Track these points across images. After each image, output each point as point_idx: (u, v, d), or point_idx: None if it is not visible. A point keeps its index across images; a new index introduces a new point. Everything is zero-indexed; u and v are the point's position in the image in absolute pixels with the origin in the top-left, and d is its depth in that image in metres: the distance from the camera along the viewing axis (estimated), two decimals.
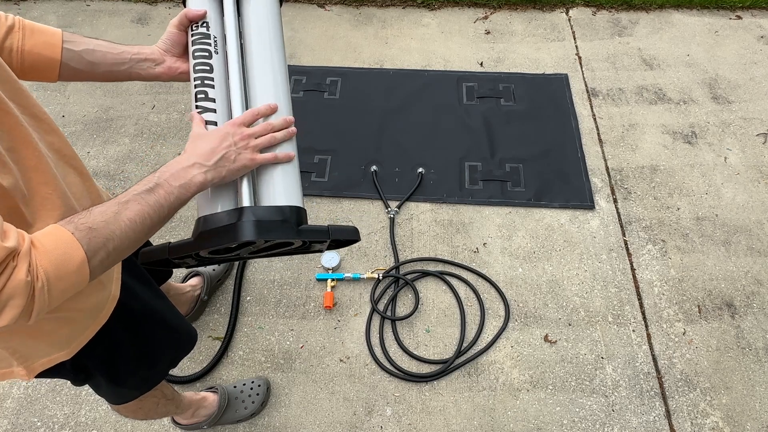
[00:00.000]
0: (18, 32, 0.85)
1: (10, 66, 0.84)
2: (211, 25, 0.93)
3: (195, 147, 0.81)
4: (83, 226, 0.66)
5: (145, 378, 1.17)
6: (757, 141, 2.36)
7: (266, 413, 1.67)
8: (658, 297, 1.90)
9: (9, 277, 0.57)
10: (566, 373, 1.74)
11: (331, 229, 0.90)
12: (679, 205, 2.15)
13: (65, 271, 0.63)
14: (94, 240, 0.66)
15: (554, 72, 2.63)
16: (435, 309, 1.88)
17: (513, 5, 2.98)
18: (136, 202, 0.71)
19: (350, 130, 2.39)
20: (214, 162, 0.80)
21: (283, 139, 0.88)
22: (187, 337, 1.26)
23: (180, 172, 0.77)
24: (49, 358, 0.90)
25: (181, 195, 0.77)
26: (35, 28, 0.88)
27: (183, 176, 0.77)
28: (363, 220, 2.10)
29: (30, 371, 0.90)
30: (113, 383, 1.09)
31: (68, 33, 0.91)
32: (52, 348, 0.90)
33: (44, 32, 0.88)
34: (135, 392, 1.17)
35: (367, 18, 2.92)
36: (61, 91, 2.57)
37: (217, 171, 0.80)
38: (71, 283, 0.65)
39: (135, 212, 0.71)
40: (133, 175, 2.24)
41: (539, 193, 2.17)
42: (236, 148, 0.82)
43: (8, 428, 1.63)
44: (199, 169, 0.78)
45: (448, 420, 1.66)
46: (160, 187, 0.74)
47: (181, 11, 0.93)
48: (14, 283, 0.58)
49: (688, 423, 1.65)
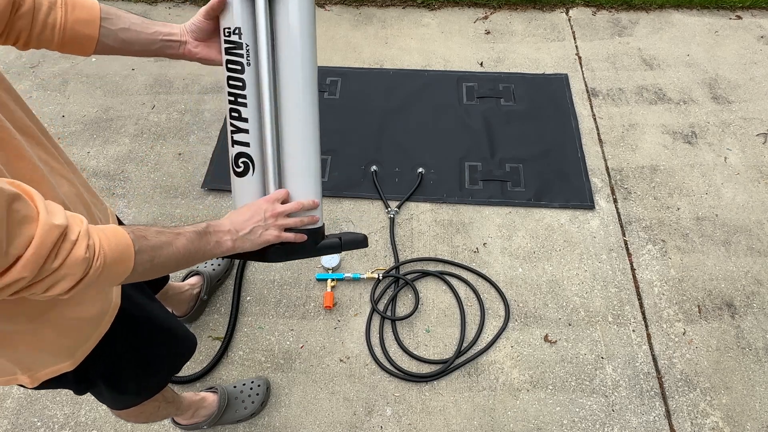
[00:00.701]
0: (61, 7, 0.86)
1: (50, 41, 0.87)
2: (244, 30, 0.93)
3: (235, 215, 0.95)
4: (140, 233, 0.74)
5: (146, 385, 1.18)
6: (757, 141, 2.36)
7: (266, 413, 1.67)
8: (658, 297, 1.90)
9: (69, 253, 0.62)
10: (566, 373, 1.74)
11: (344, 241, 1.04)
12: (679, 205, 2.15)
13: (119, 260, 0.69)
14: (145, 248, 0.73)
15: (554, 72, 2.63)
16: (435, 309, 1.88)
17: (513, 5, 2.98)
18: (187, 239, 0.82)
19: (350, 130, 2.39)
20: (242, 234, 0.93)
21: (309, 223, 1.01)
22: (187, 343, 1.27)
23: (220, 233, 0.90)
24: (53, 368, 0.91)
25: (214, 250, 0.89)
26: (77, 3, 0.88)
27: (221, 237, 0.90)
28: (363, 220, 2.10)
29: (34, 380, 0.91)
30: (116, 391, 1.09)
31: (105, 6, 0.91)
32: (56, 358, 0.90)
33: (84, 6, 0.88)
34: (137, 398, 1.18)
35: (367, 18, 2.92)
36: (61, 91, 2.57)
37: (242, 241, 0.93)
38: (117, 274, 0.70)
39: (183, 246, 0.81)
40: (133, 175, 2.24)
41: (539, 193, 2.17)
42: (264, 224, 0.95)
43: (8, 428, 1.63)
44: (230, 236, 0.91)
45: (448, 420, 1.66)
46: (205, 237, 0.87)
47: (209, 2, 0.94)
48: (73, 259, 0.62)
49: (688, 423, 1.65)
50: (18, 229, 0.57)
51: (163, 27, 0.96)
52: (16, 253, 0.57)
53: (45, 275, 0.60)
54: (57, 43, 0.88)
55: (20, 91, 2.51)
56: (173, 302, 1.72)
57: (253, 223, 0.94)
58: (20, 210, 0.57)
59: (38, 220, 0.59)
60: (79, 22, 0.87)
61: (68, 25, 0.87)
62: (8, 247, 0.56)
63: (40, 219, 0.59)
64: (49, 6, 0.85)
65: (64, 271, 0.62)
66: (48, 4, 0.85)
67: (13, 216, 0.56)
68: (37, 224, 0.59)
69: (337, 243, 1.06)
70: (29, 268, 0.58)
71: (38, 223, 0.59)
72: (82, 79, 2.62)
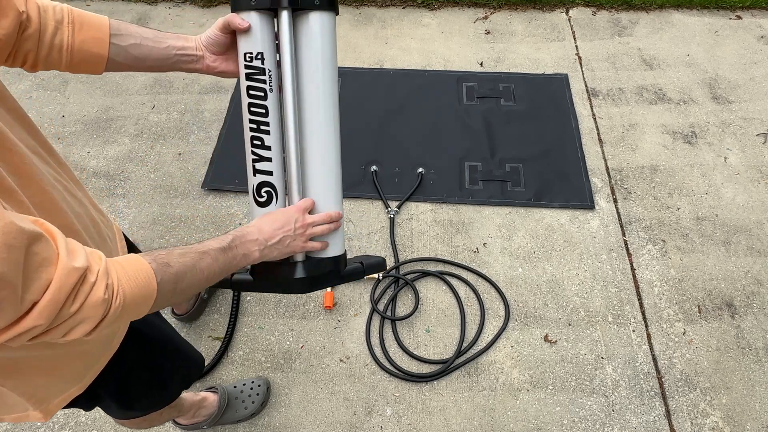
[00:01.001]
0: (67, 27, 0.83)
1: (58, 62, 0.84)
2: (266, 55, 0.90)
3: (263, 223, 0.92)
4: (162, 261, 0.70)
5: (156, 400, 1.18)
6: (757, 141, 2.36)
7: (266, 413, 1.67)
8: (658, 297, 1.90)
9: (87, 296, 0.58)
10: (566, 373, 1.74)
11: (366, 265, 1.06)
12: (679, 205, 2.15)
13: (141, 297, 0.65)
14: (168, 277, 0.70)
15: (554, 72, 2.63)
16: (435, 309, 1.88)
17: (513, 5, 2.98)
18: (212, 258, 0.79)
19: (350, 130, 2.39)
20: (271, 244, 0.90)
21: (334, 229, 1.02)
22: (195, 361, 1.27)
23: (248, 243, 0.87)
24: (64, 396, 0.90)
25: (240, 262, 0.86)
26: (84, 20, 0.84)
27: (248, 248, 0.87)
28: (363, 220, 2.11)
29: (46, 413, 0.89)
30: (124, 407, 1.09)
31: (115, 22, 0.88)
32: (67, 384, 0.89)
33: (92, 24, 0.85)
34: (145, 412, 1.18)
35: (367, 18, 2.92)
36: (61, 91, 2.57)
37: (270, 251, 0.91)
38: (138, 309, 0.67)
39: (207, 265, 0.78)
40: (133, 175, 2.24)
41: (539, 193, 2.17)
42: (293, 234, 0.93)
43: (8, 428, 1.63)
44: (258, 246, 0.88)
45: (448, 420, 1.66)
46: (231, 250, 0.84)
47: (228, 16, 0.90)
48: (92, 301, 0.59)
49: (688, 423, 1.65)
50: (36, 273, 0.53)
51: (176, 40, 0.93)
52: (33, 299, 0.54)
53: (62, 320, 0.57)
54: (66, 65, 0.85)
55: (20, 91, 2.53)
56: None
57: (283, 232, 0.92)
58: (40, 252, 0.54)
59: (57, 262, 0.56)
60: (87, 42, 0.84)
61: (76, 46, 0.84)
62: (24, 293, 0.52)
63: (59, 261, 0.56)
64: (56, 26, 0.82)
65: (82, 315, 0.59)
66: (54, 25, 0.82)
67: (32, 259, 0.53)
68: (56, 267, 0.55)
69: (360, 269, 1.06)
70: (45, 315, 0.55)
71: (57, 267, 0.55)
72: (82, 79, 2.62)
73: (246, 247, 0.86)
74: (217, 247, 0.81)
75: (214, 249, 0.80)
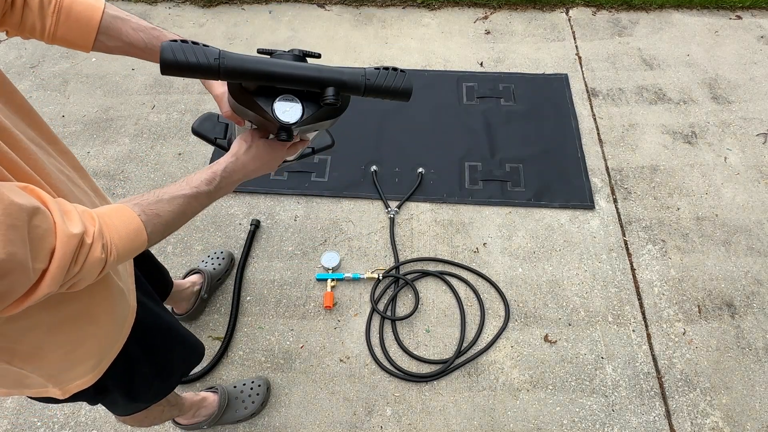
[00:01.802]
0: (52, 17, 0.82)
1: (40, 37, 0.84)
2: None
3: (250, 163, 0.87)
4: (151, 212, 0.73)
5: (158, 390, 1.19)
6: (757, 141, 2.36)
7: (266, 413, 1.67)
8: (658, 297, 1.90)
9: (86, 257, 0.63)
10: (566, 373, 1.74)
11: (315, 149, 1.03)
12: (679, 205, 2.15)
13: (131, 247, 0.71)
14: (157, 226, 0.74)
15: (554, 72, 2.63)
16: (435, 309, 1.88)
17: (513, 5, 2.98)
18: (198, 200, 0.80)
19: (350, 130, 2.39)
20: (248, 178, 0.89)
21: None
22: (196, 348, 1.28)
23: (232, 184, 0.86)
24: (81, 380, 0.92)
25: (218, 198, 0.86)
26: (72, 11, 0.83)
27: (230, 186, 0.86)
28: (363, 220, 2.11)
29: (65, 392, 0.92)
30: (129, 398, 1.09)
31: (108, 19, 0.86)
32: (85, 369, 0.91)
33: (80, 19, 0.84)
34: (148, 404, 1.19)
35: (367, 18, 2.92)
36: (61, 91, 2.57)
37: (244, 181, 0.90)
38: (131, 256, 0.73)
39: (194, 209, 0.80)
40: (133, 175, 2.24)
41: (539, 193, 2.17)
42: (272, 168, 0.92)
43: (8, 428, 1.63)
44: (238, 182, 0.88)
45: (448, 420, 1.66)
46: (218, 191, 0.84)
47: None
48: (91, 261, 0.64)
49: (688, 423, 1.65)
50: (40, 244, 0.57)
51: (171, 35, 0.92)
52: (41, 267, 0.58)
53: (67, 280, 0.62)
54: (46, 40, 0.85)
55: (20, 91, 2.52)
56: (174, 300, 1.73)
57: (265, 169, 0.91)
58: (40, 225, 0.57)
59: (56, 231, 0.59)
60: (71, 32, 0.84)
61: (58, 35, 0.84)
62: (33, 263, 0.57)
63: (57, 229, 0.59)
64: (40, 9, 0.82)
65: (83, 273, 0.64)
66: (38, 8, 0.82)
67: (35, 232, 0.57)
68: (56, 236, 0.59)
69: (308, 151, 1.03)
70: (55, 281, 0.60)
71: (57, 235, 0.59)
72: (82, 79, 2.62)
73: (229, 186, 0.87)
74: (206, 190, 0.81)
75: (202, 192, 0.81)
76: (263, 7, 2.97)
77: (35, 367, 0.83)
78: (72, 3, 0.84)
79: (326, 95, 0.75)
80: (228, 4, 2.99)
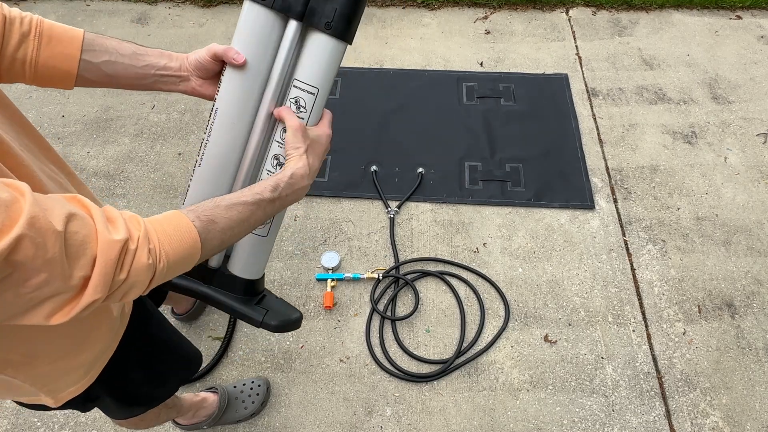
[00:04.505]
0: (33, 41, 0.78)
1: (22, 76, 0.80)
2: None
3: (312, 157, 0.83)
4: (206, 218, 0.69)
5: (154, 397, 1.18)
6: (757, 141, 2.36)
7: (266, 413, 1.67)
8: (658, 297, 1.90)
9: (132, 264, 0.60)
10: (566, 373, 1.74)
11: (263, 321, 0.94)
12: (679, 205, 2.15)
13: (183, 254, 0.66)
14: (212, 233, 0.69)
15: (554, 72, 2.63)
16: (435, 309, 1.88)
17: (513, 5, 2.98)
18: (261, 210, 0.76)
19: (350, 130, 2.39)
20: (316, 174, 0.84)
21: None
22: (192, 356, 1.27)
23: (299, 190, 0.81)
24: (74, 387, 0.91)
25: (288, 205, 0.82)
26: (53, 34, 0.80)
27: (299, 194, 0.82)
28: (363, 220, 2.10)
29: (57, 400, 0.91)
30: (123, 404, 1.09)
31: (90, 36, 0.83)
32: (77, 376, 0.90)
33: (62, 39, 0.80)
34: (142, 408, 1.18)
35: (367, 18, 2.92)
36: (61, 91, 2.57)
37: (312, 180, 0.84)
38: (184, 265, 0.68)
39: (256, 218, 0.76)
40: (132, 175, 2.24)
41: (539, 193, 2.17)
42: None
43: (8, 428, 1.63)
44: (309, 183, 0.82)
45: (448, 420, 1.66)
46: (280, 200, 0.79)
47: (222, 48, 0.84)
48: (137, 267, 0.60)
49: (688, 423, 1.65)
50: (80, 250, 0.56)
51: (158, 58, 0.87)
52: (82, 275, 0.56)
53: (115, 288, 0.60)
54: (30, 78, 0.81)
55: (19, 91, 2.53)
56: (174, 300, 1.73)
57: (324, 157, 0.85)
58: (79, 231, 0.56)
59: (98, 237, 0.57)
60: (54, 57, 0.80)
61: (41, 60, 0.79)
62: (72, 270, 0.55)
63: (99, 236, 0.57)
64: (20, 39, 0.77)
65: (131, 281, 0.61)
66: (18, 38, 0.77)
67: (73, 239, 0.55)
68: (97, 242, 0.57)
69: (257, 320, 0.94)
70: (100, 288, 0.57)
71: (98, 242, 0.57)
72: None
73: (297, 192, 0.81)
74: (267, 198, 0.76)
75: (264, 200, 0.76)
76: None
77: (27, 376, 0.83)
78: (52, 25, 0.82)
79: None
80: (228, 4, 2.99)
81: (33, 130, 0.83)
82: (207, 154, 0.87)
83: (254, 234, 0.92)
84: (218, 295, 0.95)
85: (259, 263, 0.96)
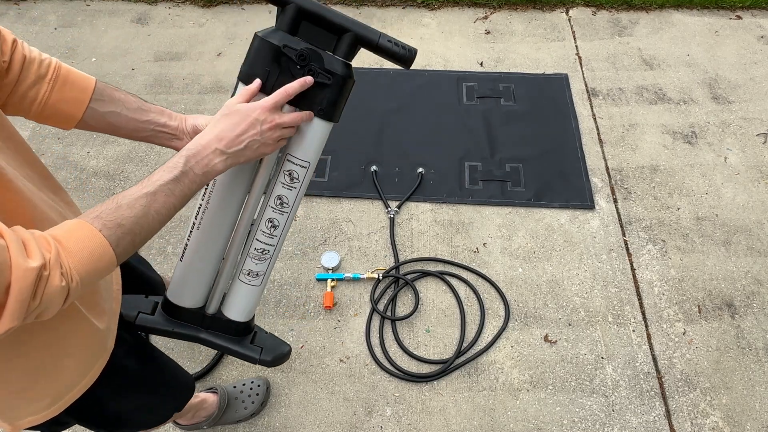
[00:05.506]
0: (48, 84, 0.80)
1: (27, 112, 0.81)
2: None
3: (222, 127, 0.79)
4: (111, 224, 0.67)
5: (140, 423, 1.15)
6: (757, 141, 2.36)
7: (266, 413, 1.67)
8: (658, 297, 1.90)
9: (45, 288, 0.59)
10: (566, 373, 1.74)
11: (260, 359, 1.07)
12: (679, 205, 2.15)
13: (95, 267, 0.66)
14: (123, 237, 0.68)
15: (554, 72, 2.63)
16: (435, 309, 1.88)
17: (513, 5, 2.98)
18: (164, 194, 0.73)
19: (350, 130, 2.39)
20: (235, 151, 0.79)
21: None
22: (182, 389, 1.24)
23: (204, 159, 0.78)
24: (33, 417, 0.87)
25: (202, 182, 0.79)
26: (68, 80, 0.82)
27: (206, 164, 0.78)
28: (363, 220, 2.10)
29: (15, 427, 0.88)
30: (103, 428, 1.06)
31: (101, 86, 0.85)
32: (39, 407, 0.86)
33: (75, 85, 0.82)
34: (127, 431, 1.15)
35: (367, 18, 2.92)
36: None
37: (235, 159, 0.80)
38: (100, 275, 0.68)
39: (162, 204, 0.72)
40: (132, 175, 2.24)
41: (539, 193, 2.17)
42: (261, 138, 0.80)
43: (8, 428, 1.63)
44: (220, 157, 0.78)
45: (448, 420, 1.66)
46: (186, 176, 0.76)
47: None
48: (50, 291, 0.60)
49: (688, 423, 1.65)
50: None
51: (159, 115, 0.90)
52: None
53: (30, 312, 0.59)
54: (34, 116, 0.83)
55: None
56: None
57: (248, 137, 0.79)
58: None
59: (11, 265, 0.56)
60: (64, 101, 0.82)
61: (50, 102, 0.81)
62: None
63: (13, 263, 0.56)
64: (35, 80, 0.79)
65: (45, 305, 0.60)
66: (34, 78, 0.79)
67: None
68: (11, 270, 0.56)
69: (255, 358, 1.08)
70: (16, 316, 0.57)
71: (11, 269, 0.56)
72: None
73: (203, 164, 0.77)
74: (168, 179, 0.74)
75: (164, 183, 0.73)
76: (263, 7, 2.96)
77: None
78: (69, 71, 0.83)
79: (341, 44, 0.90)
80: (228, 4, 2.99)
81: (36, 161, 0.82)
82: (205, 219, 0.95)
83: (249, 285, 1.02)
84: (217, 339, 1.05)
85: (252, 306, 1.06)
